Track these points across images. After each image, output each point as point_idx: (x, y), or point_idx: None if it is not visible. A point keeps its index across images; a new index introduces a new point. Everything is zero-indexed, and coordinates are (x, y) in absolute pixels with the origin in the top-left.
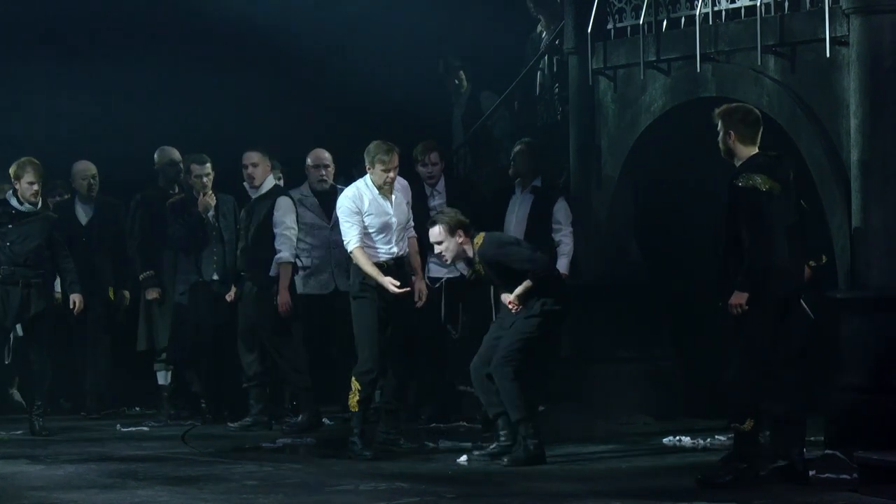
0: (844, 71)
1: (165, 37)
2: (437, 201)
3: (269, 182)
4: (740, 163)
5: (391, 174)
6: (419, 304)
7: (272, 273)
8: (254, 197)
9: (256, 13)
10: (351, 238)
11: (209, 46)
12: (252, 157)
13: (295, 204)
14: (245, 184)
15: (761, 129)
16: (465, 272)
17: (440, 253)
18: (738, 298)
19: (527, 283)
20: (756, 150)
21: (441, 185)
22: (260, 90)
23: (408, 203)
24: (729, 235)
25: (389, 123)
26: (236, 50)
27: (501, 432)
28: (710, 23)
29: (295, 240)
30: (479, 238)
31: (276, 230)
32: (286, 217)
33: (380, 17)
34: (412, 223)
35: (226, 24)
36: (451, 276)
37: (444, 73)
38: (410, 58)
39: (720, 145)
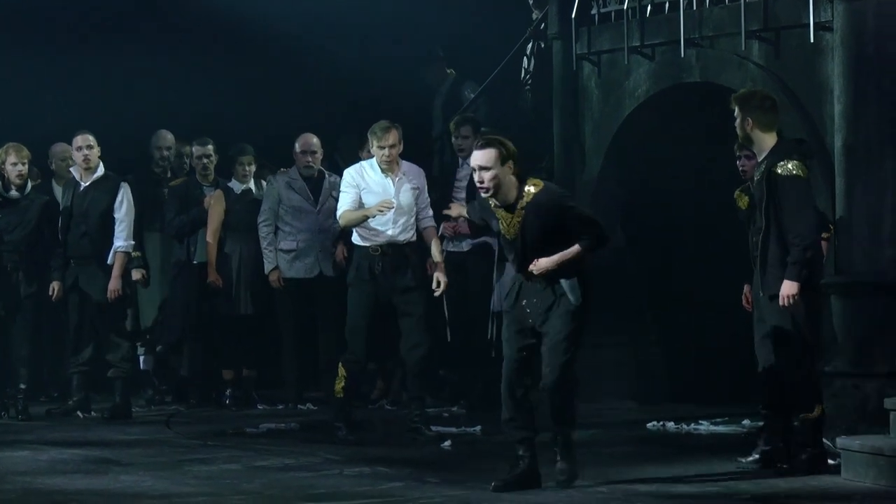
0: (828, 56)
1: (149, 24)
2: (465, 171)
3: (102, 166)
4: (762, 150)
5: (386, 151)
6: (437, 293)
7: (109, 261)
8: (86, 181)
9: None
10: (342, 206)
11: (193, 34)
12: (88, 139)
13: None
14: (74, 169)
15: (778, 115)
16: (467, 247)
17: (480, 182)
18: (791, 289)
19: (575, 249)
20: (775, 136)
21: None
22: (242, 77)
23: (415, 188)
24: (768, 224)
25: (371, 110)
26: (220, 37)
27: (525, 453)
28: (695, 8)
29: (133, 227)
30: (537, 182)
31: (116, 216)
32: (125, 204)
33: (365, 4)
34: (429, 212)
35: (210, 12)
36: (454, 249)
37: (428, 61)
38: (393, 45)
39: (738, 131)
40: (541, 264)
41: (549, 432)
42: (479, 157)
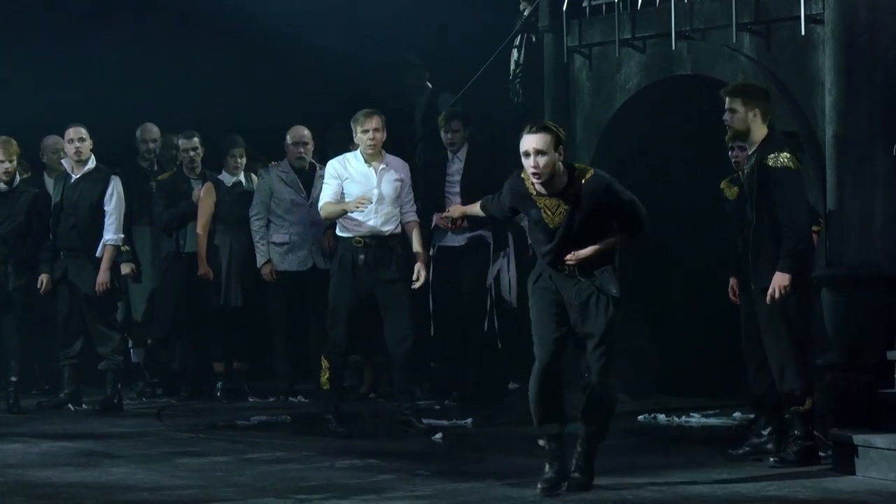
0: (819, 48)
1: (144, 19)
2: (456, 166)
3: (93, 159)
4: (753, 142)
5: (370, 134)
6: (416, 285)
7: (98, 254)
8: (77, 174)
9: None
10: (323, 197)
11: (188, 28)
12: (80, 131)
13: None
14: (66, 161)
15: (769, 107)
16: (461, 242)
17: (535, 167)
18: (783, 281)
19: (611, 240)
20: (766, 129)
21: (463, 153)
22: (235, 70)
23: (399, 180)
24: (759, 217)
25: (367, 106)
26: (214, 31)
27: (558, 448)
28: (686, 0)
29: (122, 221)
30: (588, 168)
31: (106, 208)
32: (115, 197)
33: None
34: (412, 206)
35: (204, 6)
36: (449, 243)
37: (406, 72)
38: (392, 43)
39: (735, 125)
40: (579, 254)
41: (578, 429)
42: (534, 140)
